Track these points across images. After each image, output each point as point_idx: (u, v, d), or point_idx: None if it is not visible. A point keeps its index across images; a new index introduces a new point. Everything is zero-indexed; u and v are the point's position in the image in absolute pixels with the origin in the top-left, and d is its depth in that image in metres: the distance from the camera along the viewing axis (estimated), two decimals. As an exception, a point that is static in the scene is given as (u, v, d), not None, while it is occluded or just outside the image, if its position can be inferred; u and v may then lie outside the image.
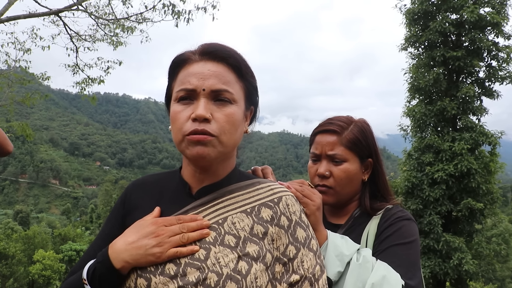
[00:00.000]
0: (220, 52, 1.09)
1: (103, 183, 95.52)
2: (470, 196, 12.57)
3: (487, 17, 12.82)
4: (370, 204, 1.52)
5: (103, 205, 79.73)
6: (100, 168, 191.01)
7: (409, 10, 13.79)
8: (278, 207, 1.12)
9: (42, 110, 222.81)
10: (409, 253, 1.34)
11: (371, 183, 1.57)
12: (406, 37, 14.12)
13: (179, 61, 1.12)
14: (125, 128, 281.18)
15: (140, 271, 1.03)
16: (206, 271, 0.99)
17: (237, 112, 1.08)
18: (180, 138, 1.06)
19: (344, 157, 1.49)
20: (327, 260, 1.22)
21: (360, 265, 1.22)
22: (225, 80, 1.07)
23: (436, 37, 13.16)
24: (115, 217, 1.22)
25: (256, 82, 1.18)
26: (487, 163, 12.91)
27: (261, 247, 1.05)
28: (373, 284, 1.17)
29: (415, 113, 13.67)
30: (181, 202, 1.14)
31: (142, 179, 1.27)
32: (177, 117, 1.07)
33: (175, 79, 1.12)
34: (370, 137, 1.54)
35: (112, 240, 1.14)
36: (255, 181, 1.18)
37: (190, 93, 1.06)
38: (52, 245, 37.08)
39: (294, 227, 1.11)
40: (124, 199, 1.23)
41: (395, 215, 1.44)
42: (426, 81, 13.17)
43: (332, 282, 1.21)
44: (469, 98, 13.11)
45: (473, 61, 12.94)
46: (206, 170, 1.13)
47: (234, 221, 1.08)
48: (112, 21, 9.03)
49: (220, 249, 1.03)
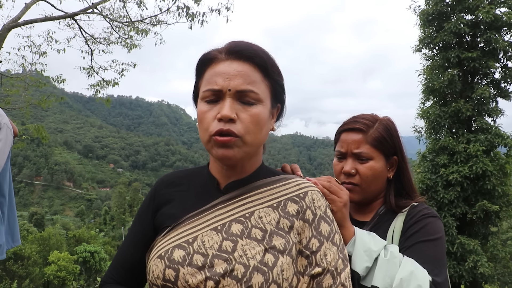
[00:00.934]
0: (246, 52, 1.10)
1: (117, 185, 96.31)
2: (486, 198, 12.41)
3: (503, 17, 12.66)
4: (395, 202, 1.53)
5: (116, 207, 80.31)
6: (114, 170, 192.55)
7: (423, 11, 13.68)
8: (304, 202, 1.14)
9: (56, 113, 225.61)
10: (435, 250, 1.35)
11: (396, 180, 1.58)
12: (420, 38, 14.00)
13: (206, 59, 1.14)
14: (138, 130, 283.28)
15: (168, 262, 1.05)
16: (233, 263, 1.02)
17: (262, 111, 1.09)
18: (207, 138, 1.08)
19: (370, 155, 1.50)
20: (355, 256, 1.24)
21: (388, 260, 1.24)
22: (250, 80, 1.08)
23: (451, 38, 13.04)
24: (145, 213, 1.24)
25: (282, 79, 1.19)
26: (502, 165, 12.75)
27: (288, 241, 1.07)
28: (401, 279, 1.19)
29: (429, 114, 13.55)
30: (209, 196, 1.17)
31: (171, 174, 1.30)
32: (204, 117, 1.09)
33: (202, 77, 1.14)
34: (395, 135, 1.55)
35: (145, 235, 1.20)
36: (282, 177, 1.20)
37: (216, 93, 1.08)
38: (66, 247, 37.42)
39: (319, 221, 1.13)
40: (154, 194, 1.25)
41: (421, 212, 1.45)
42: (441, 83, 13.04)
43: (361, 277, 1.23)
44: (484, 99, 12.96)
45: (488, 62, 12.78)
46: (233, 167, 1.16)
47: (260, 215, 1.10)
48: (126, 23, 9.12)
49: (247, 242, 1.05)
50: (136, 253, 1.21)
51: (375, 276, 1.22)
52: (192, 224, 1.11)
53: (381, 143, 1.51)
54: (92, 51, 9.78)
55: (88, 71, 10.06)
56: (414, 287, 1.18)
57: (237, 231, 1.07)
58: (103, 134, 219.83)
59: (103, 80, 10.40)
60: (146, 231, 1.21)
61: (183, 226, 1.12)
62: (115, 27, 9.67)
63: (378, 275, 1.22)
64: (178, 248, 1.07)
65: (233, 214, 1.11)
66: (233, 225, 1.09)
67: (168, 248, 1.08)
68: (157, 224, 1.19)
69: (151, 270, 1.09)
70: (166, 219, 1.17)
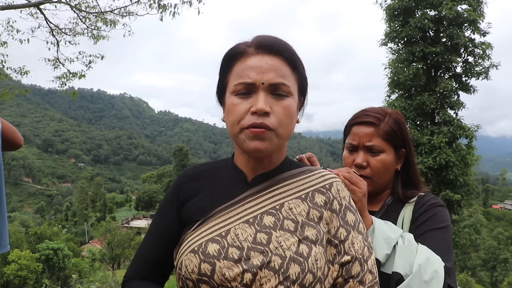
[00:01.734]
0: (277, 46, 1.11)
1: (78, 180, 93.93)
2: (448, 188, 12.90)
3: (464, 14, 13.12)
4: (403, 192, 1.57)
5: (78, 202, 78.40)
6: (75, 165, 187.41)
7: (389, 6, 13.99)
8: (330, 192, 1.17)
9: (13, 106, 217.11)
10: (445, 238, 1.41)
11: (403, 172, 1.63)
12: (386, 33, 14.32)
13: (234, 53, 1.13)
14: (100, 124, 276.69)
15: (203, 256, 1.06)
16: (270, 255, 1.03)
17: (293, 104, 1.11)
18: (238, 130, 1.09)
19: (381, 148, 1.54)
20: (375, 244, 1.28)
21: (406, 248, 1.29)
22: (282, 74, 1.09)
23: (416, 32, 13.41)
24: (169, 207, 1.24)
25: (305, 72, 1.20)
26: (464, 156, 13.26)
27: (319, 231, 1.10)
28: (419, 265, 1.24)
29: (395, 107, 13.86)
30: (237, 189, 1.18)
31: (193, 168, 1.29)
32: (235, 110, 1.09)
33: (230, 71, 1.13)
34: (403, 129, 1.60)
35: (169, 229, 1.20)
36: (306, 168, 1.22)
37: (248, 87, 1.08)
38: (27, 245, 36.28)
39: (344, 211, 1.17)
40: (177, 189, 1.24)
41: (429, 202, 1.51)
42: (406, 76, 13.41)
43: (381, 263, 1.27)
44: (447, 92, 13.42)
45: (451, 57, 13.24)
46: (260, 160, 1.17)
47: (290, 206, 1.12)
48: (95, 14, 8.88)
49: (281, 233, 1.07)
50: (160, 247, 1.21)
51: (395, 263, 1.26)
52: (223, 217, 1.12)
53: (391, 136, 1.55)
54: (58, 42, 9.47)
55: (54, 62, 9.73)
56: (431, 272, 1.24)
57: (270, 223, 1.09)
58: (63, 128, 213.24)
59: (69, 72, 10.09)
60: (171, 225, 1.21)
61: (214, 220, 1.12)
62: (82, 18, 9.40)
63: (398, 262, 1.26)
64: (211, 242, 1.07)
65: (263, 207, 1.12)
66: (265, 217, 1.10)
67: (201, 242, 1.08)
68: (184, 218, 1.19)
69: (183, 265, 1.09)
70: (194, 213, 1.17)
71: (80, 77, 10.21)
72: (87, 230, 59.11)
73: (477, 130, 13.67)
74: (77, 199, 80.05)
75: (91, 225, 65.04)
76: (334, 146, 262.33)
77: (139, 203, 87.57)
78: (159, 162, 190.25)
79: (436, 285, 1.23)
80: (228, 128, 1.13)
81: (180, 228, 1.19)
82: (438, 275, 1.25)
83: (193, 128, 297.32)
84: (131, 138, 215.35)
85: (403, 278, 1.24)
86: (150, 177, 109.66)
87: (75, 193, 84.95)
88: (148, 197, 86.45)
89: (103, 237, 34.99)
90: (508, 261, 46.23)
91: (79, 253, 35.92)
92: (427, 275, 1.23)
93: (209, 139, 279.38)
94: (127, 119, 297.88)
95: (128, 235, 35.59)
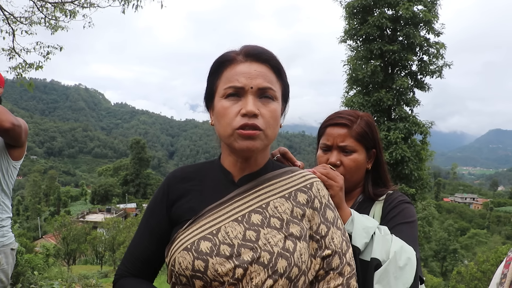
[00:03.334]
0: (264, 55, 1.20)
1: (31, 173, 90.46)
2: (404, 182, 13.41)
3: (420, 14, 13.60)
4: (373, 190, 1.69)
5: (31, 196, 75.62)
6: (27, 157, 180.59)
7: (348, 4, 14.31)
8: (312, 192, 1.27)
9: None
10: (412, 231, 1.54)
11: (373, 171, 1.73)
12: (345, 30, 14.65)
13: (224, 60, 1.21)
14: (54, 115, 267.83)
15: (196, 253, 1.13)
16: (259, 251, 1.12)
17: (278, 108, 1.20)
18: (230, 132, 1.16)
19: (354, 148, 1.64)
20: (355, 233, 1.38)
21: (383, 236, 1.40)
22: (269, 79, 1.18)
23: (374, 31, 13.79)
24: (158, 207, 1.29)
25: (288, 81, 1.29)
26: (418, 151, 13.81)
27: (302, 227, 1.19)
28: (395, 252, 1.36)
29: (353, 103, 14.25)
30: (224, 189, 1.25)
31: (181, 169, 1.35)
32: (226, 112, 1.16)
33: (220, 77, 1.21)
34: (374, 131, 1.70)
35: (159, 228, 1.26)
36: (288, 169, 1.31)
37: (238, 90, 1.16)
38: (-24, 240, 34.74)
39: (324, 209, 1.27)
40: (166, 190, 1.30)
41: (397, 199, 1.63)
42: (364, 73, 13.80)
43: (360, 251, 1.37)
44: (403, 90, 13.92)
45: (407, 55, 13.73)
46: (248, 160, 1.25)
47: (276, 205, 1.21)
48: (54, 4, 8.59)
49: (268, 231, 1.16)
50: (151, 245, 1.27)
51: (374, 250, 1.37)
52: (213, 216, 1.19)
53: (363, 137, 1.65)
54: (14, 31, 9.10)
55: (9, 52, 9.35)
56: (405, 259, 1.36)
57: (258, 221, 1.17)
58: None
59: (25, 62, 9.73)
60: (161, 224, 1.27)
61: (205, 219, 1.19)
62: (39, 7, 9.06)
63: (376, 249, 1.37)
64: (203, 240, 1.14)
65: (251, 205, 1.20)
66: (253, 216, 1.18)
67: (193, 240, 1.15)
68: (175, 217, 1.25)
69: (177, 262, 1.15)
70: (184, 213, 1.23)
71: (37, 68, 9.85)
72: (40, 225, 57.17)
73: (431, 126, 14.28)
74: (29, 193, 77.20)
75: (45, 220, 63.04)
76: (291, 140, 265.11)
77: (94, 196, 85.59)
78: (115, 155, 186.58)
79: (409, 270, 1.36)
80: (219, 130, 1.20)
81: (170, 227, 1.25)
82: (411, 261, 1.37)
83: (150, 120, 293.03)
84: (86, 131, 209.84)
85: (381, 264, 1.35)
86: (106, 170, 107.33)
87: (27, 187, 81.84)
88: (104, 190, 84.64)
89: (57, 232, 34.00)
90: (457, 251, 48.46)
91: (32, 248, 34.75)
92: (401, 261, 1.35)
93: (166, 132, 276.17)
94: (82, 110, 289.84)
95: (84, 230, 34.75)
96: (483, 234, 59.20)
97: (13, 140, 2.62)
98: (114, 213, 60.15)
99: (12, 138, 2.58)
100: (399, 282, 1.34)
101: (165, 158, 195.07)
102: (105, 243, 32.91)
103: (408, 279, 1.35)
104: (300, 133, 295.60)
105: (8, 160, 2.67)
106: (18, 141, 2.64)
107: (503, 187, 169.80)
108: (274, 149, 1.59)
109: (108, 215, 51.08)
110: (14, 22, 9.47)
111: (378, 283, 1.34)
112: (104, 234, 33.92)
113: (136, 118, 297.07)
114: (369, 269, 1.36)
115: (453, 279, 21.29)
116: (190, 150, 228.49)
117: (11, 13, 9.35)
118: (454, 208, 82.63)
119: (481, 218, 79.45)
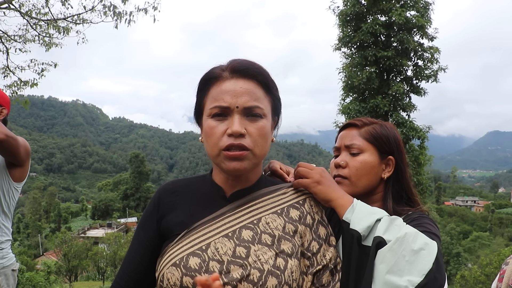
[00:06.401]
0: (250, 70, 1.17)
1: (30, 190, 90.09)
2: (403, 188, 13.33)
3: (413, 19, 13.65)
4: (393, 207, 1.49)
5: (31, 213, 75.25)
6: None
7: (341, 11, 14.34)
8: (304, 208, 1.26)
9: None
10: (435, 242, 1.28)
11: (395, 183, 1.55)
12: (340, 38, 14.68)
13: (210, 78, 1.19)
14: (52, 132, 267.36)
15: (185, 270, 1.11)
16: (249, 268, 1.10)
17: (266, 125, 1.18)
18: (217, 152, 1.14)
19: (361, 148, 1.51)
20: (356, 217, 1.24)
21: (392, 219, 1.24)
22: (256, 97, 1.16)
23: (368, 37, 13.83)
24: (149, 221, 1.28)
25: (279, 93, 1.26)
26: (417, 156, 13.77)
27: (294, 244, 1.17)
28: (406, 233, 1.18)
29: (349, 110, 14.24)
30: (215, 204, 1.23)
31: (173, 183, 1.33)
32: (212, 132, 1.15)
33: (207, 95, 1.19)
34: (391, 135, 1.55)
35: (150, 242, 1.24)
36: (281, 186, 1.30)
37: (224, 110, 1.14)
38: (-24, 260, 34.49)
39: (317, 225, 1.25)
40: (157, 203, 1.29)
41: (418, 214, 1.43)
42: (360, 80, 13.80)
43: (362, 236, 1.22)
44: (399, 95, 13.92)
45: (402, 61, 13.75)
46: (238, 178, 1.23)
47: (267, 221, 1.19)
48: (47, 21, 8.62)
49: (259, 247, 1.14)
50: (143, 261, 1.25)
51: (378, 229, 1.20)
52: (203, 231, 1.17)
53: (374, 138, 1.52)
54: (7, 49, 9.13)
55: (4, 71, 9.37)
56: (422, 243, 1.16)
57: (248, 237, 1.16)
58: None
59: (20, 80, 9.74)
60: (151, 238, 1.25)
61: (195, 234, 1.17)
62: (33, 24, 9.10)
63: (381, 228, 1.20)
64: (192, 255, 1.13)
65: (242, 221, 1.19)
66: (244, 232, 1.17)
67: (182, 256, 1.13)
68: (165, 231, 1.23)
69: (165, 278, 1.13)
70: (174, 227, 1.22)
71: (32, 86, 9.88)
72: (41, 242, 56.90)
73: (428, 131, 14.26)
74: (30, 210, 76.82)
75: (45, 237, 62.65)
76: (290, 149, 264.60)
77: (95, 212, 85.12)
78: (115, 169, 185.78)
79: (427, 256, 1.14)
80: (207, 149, 1.19)
81: (161, 241, 1.23)
82: (430, 247, 1.16)
83: (149, 134, 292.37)
84: (85, 146, 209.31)
85: (385, 242, 1.17)
86: (106, 185, 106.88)
87: (27, 204, 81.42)
88: (104, 205, 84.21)
89: (58, 248, 33.79)
90: (460, 255, 48.18)
91: (33, 266, 34.52)
92: (416, 244, 1.15)
93: (165, 145, 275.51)
94: (81, 126, 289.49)
95: (85, 246, 34.54)
96: (486, 237, 58.93)
97: (9, 154, 2.53)
98: (115, 228, 59.94)
99: (7, 151, 2.48)
100: (413, 268, 1.12)
101: (164, 171, 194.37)
102: (106, 258, 32.72)
103: (424, 266, 1.12)
104: (299, 142, 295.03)
105: (9, 181, 2.62)
106: (15, 156, 2.55)
107: (503, 189, 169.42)
108: (273, 158, 1.57)
109: (109, 230, 50.89)
110: (8, 41, 9.51)
111: (383, 263, 1.15)
112: (106, 250, 33.74)
113: (134, 132, 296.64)
114: (368, 249, 1.19)
115: (457, 283, 21.17)
116: (189, 162, 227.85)
117: (5, 32, 9.39)
118: (455, 212, 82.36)
119: (483, 220, 79.15)
